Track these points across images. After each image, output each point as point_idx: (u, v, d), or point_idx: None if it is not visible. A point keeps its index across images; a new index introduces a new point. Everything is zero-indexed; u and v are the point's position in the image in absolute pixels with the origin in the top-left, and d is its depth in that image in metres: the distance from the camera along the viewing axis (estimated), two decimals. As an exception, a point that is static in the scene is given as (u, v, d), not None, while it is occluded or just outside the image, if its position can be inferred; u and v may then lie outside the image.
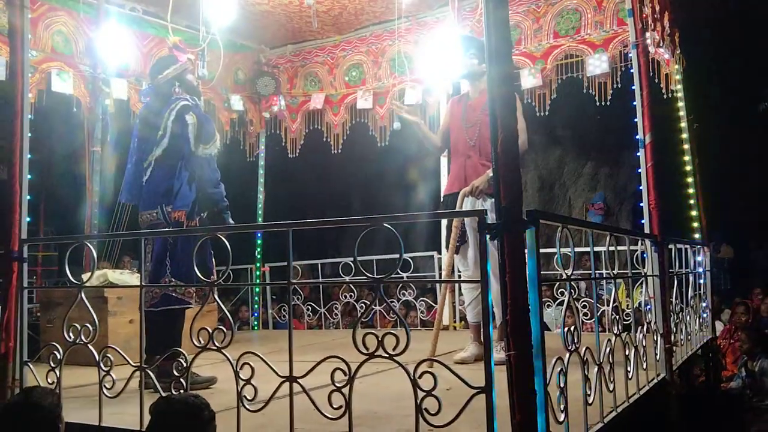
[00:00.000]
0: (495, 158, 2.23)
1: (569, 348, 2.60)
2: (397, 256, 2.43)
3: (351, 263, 7.18)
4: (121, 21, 6.18)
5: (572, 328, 2.60)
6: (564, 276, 2.65)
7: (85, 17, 5.99)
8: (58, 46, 5.84)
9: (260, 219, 7.99)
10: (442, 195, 5.07)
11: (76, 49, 5.97)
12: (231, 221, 4.10)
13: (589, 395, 2.75)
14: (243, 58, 7.61)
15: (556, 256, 3.02)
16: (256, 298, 8.17)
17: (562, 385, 2.48)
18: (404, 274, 7.07)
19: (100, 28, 6.01)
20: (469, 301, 4.71)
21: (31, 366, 3.28)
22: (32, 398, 2.60)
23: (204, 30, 5.34)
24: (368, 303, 5.00)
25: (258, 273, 7.99)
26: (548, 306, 7.06)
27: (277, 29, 7.19)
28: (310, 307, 7.94)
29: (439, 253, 6.90)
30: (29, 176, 3.39)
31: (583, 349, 2.70)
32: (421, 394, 2.31)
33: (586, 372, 2.72)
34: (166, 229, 3.88)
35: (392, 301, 7.21)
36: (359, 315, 6.39)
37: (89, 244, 3.28)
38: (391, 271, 2.43)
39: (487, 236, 2.19)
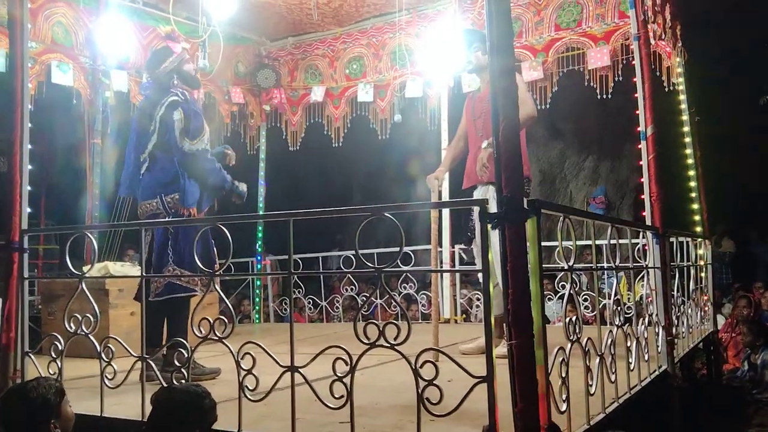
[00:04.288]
0: (497, 148, 2.22)
1: (571, 338, 2.59)
2: (398, 249, 2.42)
3: (352, 256, 7.26)
4: (121, 12, 6.15)
5: (573, 318, 2.60)
6: (566, 267, 2.65)
7: (85, 8, 5.98)
8: (58, 37, 5.82)
9: (261, 212, 7.98)
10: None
11: (76, 41, 5.96)
12: (244, 189, 4.13)
13: (591, 386, 2.75)
14: (243, 50, 7.59)
15: (557, 249, 3.01)
16: (258, 291, 8.17)
17: (563, 375, 2.48)
18: (405, 268, 7.07)
19: (100, 19, 6.00)
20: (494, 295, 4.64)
21: (32, 357, 3.28)
22: (22, 390, 2.59)
23: (204, 22, 5.33)
24: (368, 295, 4.93)
25: (259, 266, 7.99)
26: (549, 299, 7.06)
27: (278, 21, 7.17)
28: (311, 301, 7.95)
29: (441, 246, 6.90)
30: (29, 167, 3.38)
31: (585, 339, 2.70)
32: (422, 384, 2.31)
33: (587, 362, 2.72)
34: (166, 219, 3.89)
35: (393, 293, 7.20)
36: (360, 306, 6.38)
37: (89, 234, 3.27)
38: (391, 261, 2.42)
39: (489, 226, 2.19)
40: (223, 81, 7.34)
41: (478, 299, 7.24)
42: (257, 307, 8.13)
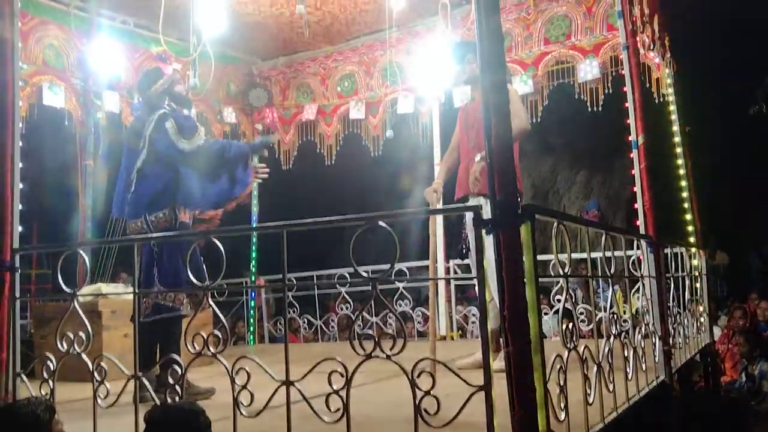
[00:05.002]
0: (489, 154, 2.21)
1: (568, 346, 2.57)
2: (391, 265, 2.39)
3: (347, 274, 7.22)
4: (112, 34, 6.19)
5: (570, 325, 2.58)
6: (561, 274, 2.63)
7: (76, 30, 5.99)
8: (49, 59, 5.83)
9: (254, 233, 7.94)
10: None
11: (68, 63, 5.97)
12: (270, 139, 4.16)
13: (589, 395, 2.73)
14: (235, 70, 7.61)
15: (552, 262, 3.00)
16: (252, 312, 8.11)
17: (561, 383, 2.46)
18: (400, 285, 7.05)
19: (92, 41, 6.02)
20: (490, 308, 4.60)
21: (24, 377, 3.23)
22: (11, 407, 2.55)
23: (195, 41, 5.34)
24: (362, 308, 4.75)
25: (253, 285, 7.95)
26: (545, 314, 7.02)
27: (269, 40, 7.20)
28: (306, 321, 7.89)
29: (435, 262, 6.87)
30: (20, 186, 3.35)
31: (582, 347, 2.68)
32: (419, 394, 2.28)
33: (585, 371, 2.70)
34: (161, 234, 3.86)
35: (387, 312, 7.16)
36: (355, 319, 6.34)
37: (81, 252, 3.24)
38: (387, 271, 2.40)
39: (483, 231, 2.17)
40: (215, 101, 7.35)
41: (474, 315, 7.21)
42: (251, 329, 8.07)
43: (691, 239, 6.31)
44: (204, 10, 5.27)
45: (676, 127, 6.35)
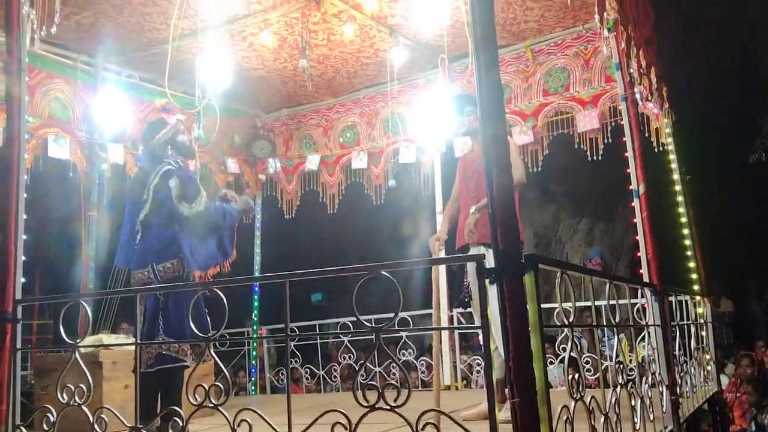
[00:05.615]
0: (491, 203, 2.23)
1: (575, 396, 2.54)
2: (393, 315, 2.39)
3: (349, 323, 7.19)
4: (118, 87, 6.27)
5: (576, 376, 2.55)
6: (565, 323, 2.62)
7: (82, 84, 6.08)
8: (55, 112, 5.90)
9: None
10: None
11: (73, 115, 6.04)
12: (248, 201, 4.48)
13: (597, 446, 2.68)
14: (239, 122, 7.71)
15: (557, 310, 2.99)
16: (253, 362, 8.04)
17: (569, 434, 2.42)
18: (403, 333, 7.00)
19: (98, 94, 6.11)
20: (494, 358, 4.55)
21: (23, 430, 3.19)
22: None
23: (200, 95, 5.42)
24: (365, 359, 4.69)
25: (255, 335, 7.90)
26: (551, 363, 6.95)
27: (273, 93, 7.32)
28: (308, 371, 7.82)
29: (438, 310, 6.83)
30: (24, 237, 3.37)
31: (589, 397, 2.65)
32: (424, 447, 2.25)
33: (593, 422, 2.66)
34: (161, 285, 3.87)
35: (390, 362, 7.10)
36: (358, 370, 6.27)
37: (84, 303, 3.24)
38: (390, 320, 2.40)
39: (487, 281, 2.17)
40: (219, 152, 7.43)
41: (479, 364, 7.14)
42: (253, 379, 7.99)
43: (696, 287, 6.28)
44: (209, 65, 5.37)
45: (676, 176, 6.38)
